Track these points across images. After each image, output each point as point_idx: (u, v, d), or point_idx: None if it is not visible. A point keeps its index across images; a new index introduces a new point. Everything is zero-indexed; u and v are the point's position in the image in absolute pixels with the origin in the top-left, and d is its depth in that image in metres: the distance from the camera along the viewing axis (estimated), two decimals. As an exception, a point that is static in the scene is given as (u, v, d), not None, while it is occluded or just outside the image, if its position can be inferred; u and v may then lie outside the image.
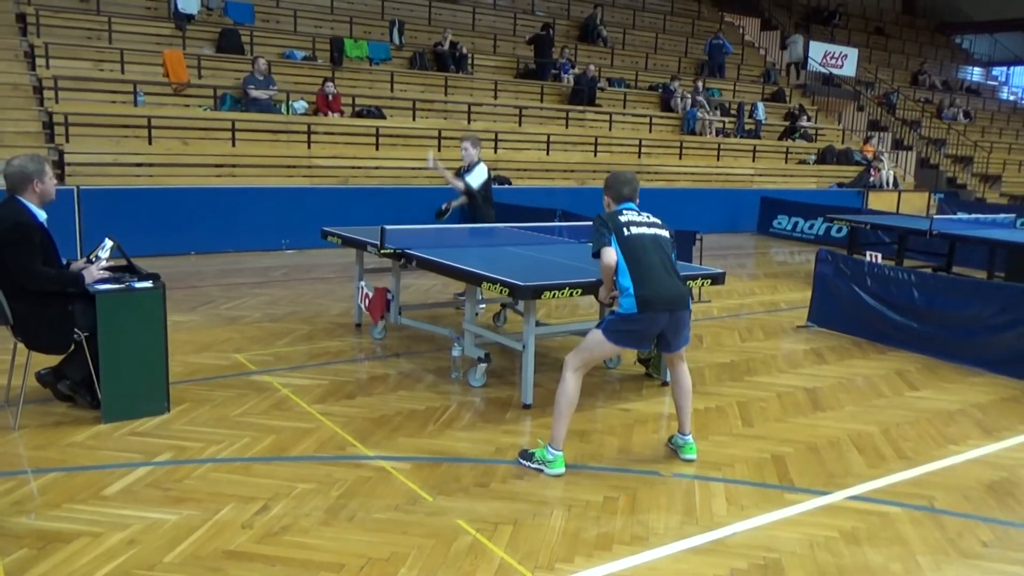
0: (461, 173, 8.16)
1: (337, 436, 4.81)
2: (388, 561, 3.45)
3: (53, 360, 5.06)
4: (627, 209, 4.58)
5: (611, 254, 4.35)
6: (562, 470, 4.38)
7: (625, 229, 4.43)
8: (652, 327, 4.37)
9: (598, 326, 4.48)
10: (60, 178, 10.24)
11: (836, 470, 4.62)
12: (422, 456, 4.57)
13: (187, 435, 4.72)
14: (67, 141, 10.85)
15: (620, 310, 4.35)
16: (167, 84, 12.67)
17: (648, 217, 4.57)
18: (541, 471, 4.38)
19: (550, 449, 4.41)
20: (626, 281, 4.32)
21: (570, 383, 4.40)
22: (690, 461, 4.65)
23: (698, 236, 9.30)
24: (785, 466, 4.65)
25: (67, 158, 10.68)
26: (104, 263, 4.96)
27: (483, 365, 5.82)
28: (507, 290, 5.14)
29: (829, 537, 3.82)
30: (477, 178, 8.05)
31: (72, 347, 4.89)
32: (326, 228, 7.41)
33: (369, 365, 6.32)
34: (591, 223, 4.57)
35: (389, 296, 6.80)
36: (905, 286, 7.32)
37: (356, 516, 3.83)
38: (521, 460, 4.50)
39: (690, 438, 4.70)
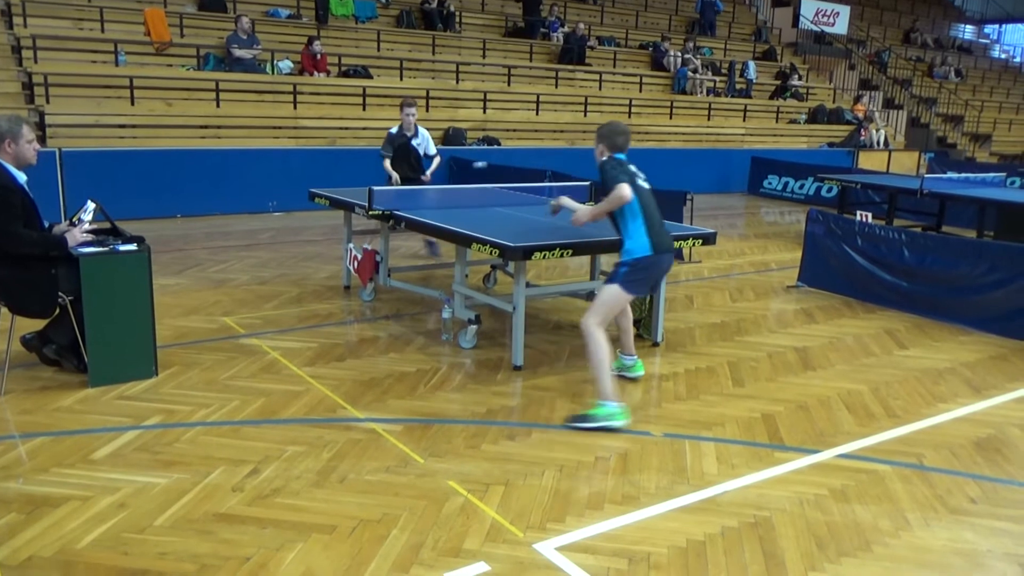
0: (410, 143, 8.23)
1: (327, 399, 4.79)
2: (380, 522, 3.45)
3: (38, 324, 5.00)
4: (622, 159, 4.71)
5: (629, 189, 4.41)
6: (628, 419, 4.50)
7: (635, 178, 4.61)
8: (659, 269, 4.74)
9: (610, 282, 4.63)
10: (42, 140, 10.06)
11: (826, 429, 4.64)
12: (413, 418, 4.57)
13: (176, 399, 4.69)
14: (47, 102, 10.65)
15: (633, 255, 4.56)
16: (149, 43, 12.42)
17: (640, 173, 4.79)
18: (606, 426, 4.44)
19: (607, 404, 4.47)
20: (640, 225, 4.56)
21: (599, 338, 4.49)
22: (639, 377, 5.20)
23: (689, 196, 9.25)
24: (775, 425, 4.67)
25: (48, 119, 10.48)
26: (87, 226, 4.88)
27: (473, 327, 5.80)
28: (497, 251, 5.10)
29: (819, 495, 3.84)
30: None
31: (57, 311, 4.83)
32: (313, 190, 7.33)
33: (359, 328, 6.29)
34: (600, 169, 4.62)
35: (378, 258, 6.75)
36: (895, 245, 7.31)
37: (347, 478, 3.83)
38: (577, 424, 4.49)
39: (636, 357, 5.25)
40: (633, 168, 4.70)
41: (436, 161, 8.48)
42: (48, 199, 8.19)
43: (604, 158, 4.69)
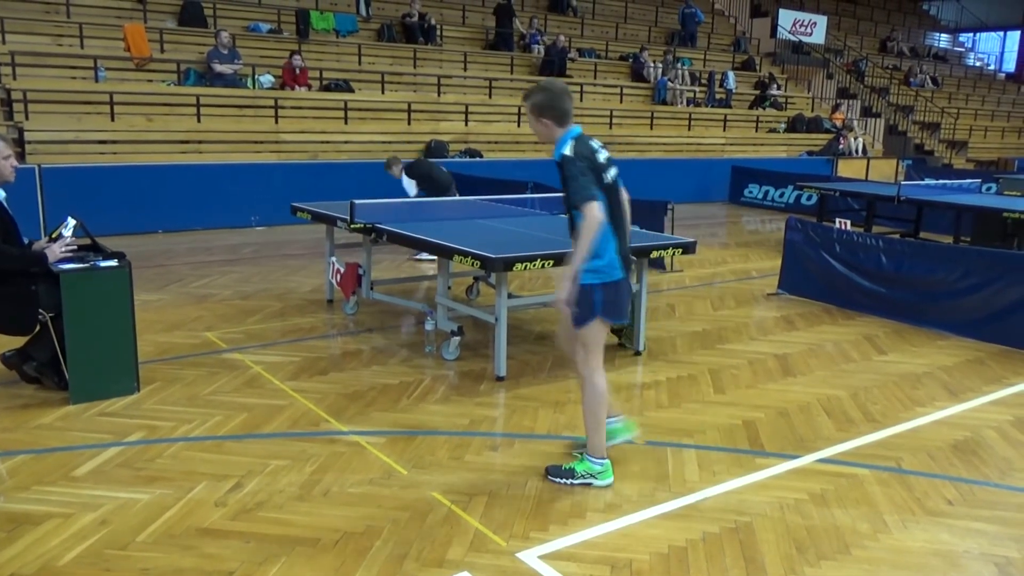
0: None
1: (310, 412, 4.79)
2: (363, 534, 3.45)
3: (18, 342, 4.97)
4: (582, 138, 3.71)
5: (599, 209, 3.50)
6: (612, 479, 3.97)
7: (604, 174, 3.68)
8: (628, 293, 3.95)
9: (584, 318, 3.76)
10: (21, 156, 10.01)
11: (806, 434, 4.69)
12: (396, 430, 4.57)
13: (158, 414, 4.68)
14: (27, 118, 10.60)
15: (604, 278, 3.71)
16: (129, 59, 12.39)
17: (605, 148, 3.86)
18: (590, 484, 3.93)
19: (594, 460, 3.94)
20: (611, 240, 3.71)
21: (600, 384, 3.84)
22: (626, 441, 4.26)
23: (669, 206, 9.32)
24: (756, 431, 4.71)
25: (27, 136, 10.43)
26: (67, 242, 4.87)
27: (456, 338, 5.82)
28: (479, 263, 5.13)
29: (799, 499, 3.88)
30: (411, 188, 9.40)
31: (37, 328, 4.81)
32: (296, 204, 7.34)
33: (342, 341, 6.29)
34: (564, 165, 3.64)
35: (360, 271, 6.76)
36: (873, 252, 7.40)
37: (331, 491, 3.83)
38: (558, 479, 3.94)
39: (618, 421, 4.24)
40: (596, 152, 3.71)
41: None
42: (28, 216, 8.11)
43: (568, 151, 3.62)
